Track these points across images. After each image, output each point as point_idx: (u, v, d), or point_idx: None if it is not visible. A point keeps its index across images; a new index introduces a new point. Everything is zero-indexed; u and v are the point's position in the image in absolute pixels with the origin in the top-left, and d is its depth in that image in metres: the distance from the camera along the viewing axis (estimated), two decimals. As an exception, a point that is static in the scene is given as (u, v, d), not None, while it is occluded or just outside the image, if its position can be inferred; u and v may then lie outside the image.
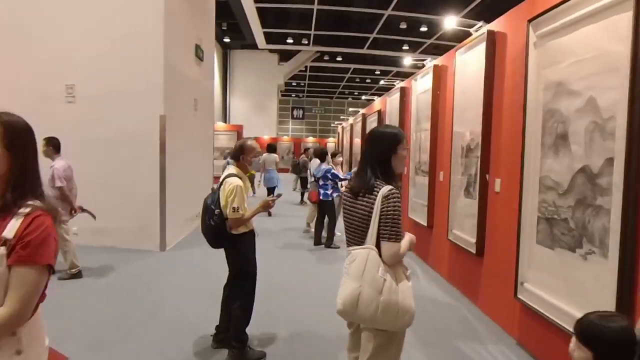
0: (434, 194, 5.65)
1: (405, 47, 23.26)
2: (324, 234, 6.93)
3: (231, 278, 3.41)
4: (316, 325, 3.87)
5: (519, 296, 3.56)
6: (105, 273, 5.27)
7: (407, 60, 8.88)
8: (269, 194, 10.61)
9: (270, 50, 26.40)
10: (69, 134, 6.45)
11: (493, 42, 4.29)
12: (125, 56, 6.21)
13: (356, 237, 2.11)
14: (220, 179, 3.20)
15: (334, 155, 7.86)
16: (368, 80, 31.18)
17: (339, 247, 6.56)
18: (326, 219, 6.86)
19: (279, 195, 3.38)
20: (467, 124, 4.71)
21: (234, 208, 3.02)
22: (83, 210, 5.23)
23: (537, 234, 3.44)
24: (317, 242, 6.79)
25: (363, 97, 32.76)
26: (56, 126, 6.46)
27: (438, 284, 5.10)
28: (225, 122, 25.20)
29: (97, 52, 6.26)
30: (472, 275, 4.56)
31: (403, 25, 19.94)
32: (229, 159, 14.35)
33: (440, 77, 5.55)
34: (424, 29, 20.24)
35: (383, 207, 1.98)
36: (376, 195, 2.01)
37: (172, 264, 5.75)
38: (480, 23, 4.57)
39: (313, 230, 7.81)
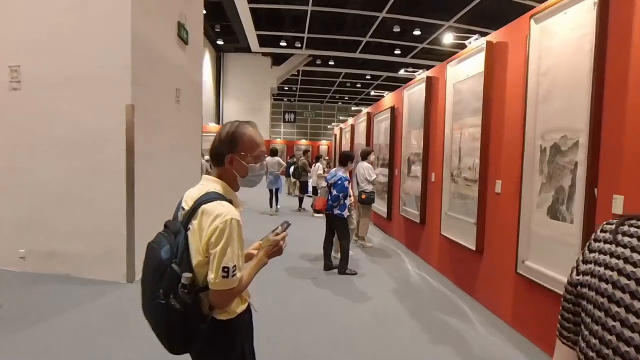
0: (485, 209, 4.02)
1: (398, 52, 21.91)
2: (333, 253, 5.28)
3: None
4: None
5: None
6: (47, 316, 3.43)
7: (448, 37, 7.04)
8: (271, 197, 9.65)
9: (263, 54, 24.74)
10: (13, 129, 4.64)
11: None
12: (83, 29, 4.42)
13: None
14: (188, 203, 1.47)
15: (367, 154, 6.12)
16: (358, 85, 29.70)
17: (355, 274, 4.85)
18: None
19: (287, 225, 1.70)
20: (554, 116, 3.09)
21: (225, 270, 1.30)
22: None
23: None
24: (328, 266, 5.02)
25: (372, 93, 31.31)
26: (-5, 120, 4.73)
27: (496, 329, 3.47)
28: (218, 123, 23.39)
29: (48, 24, 4.48)
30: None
31: (396, 29, 18.57)
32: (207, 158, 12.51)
33: (495, 56, 3.92)
34: (417, 32, 18.90)
35: None
36: None
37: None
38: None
39: (369, 244, 6.20)
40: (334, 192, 4.74)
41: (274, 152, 10.49)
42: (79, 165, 4.52)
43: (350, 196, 5.34)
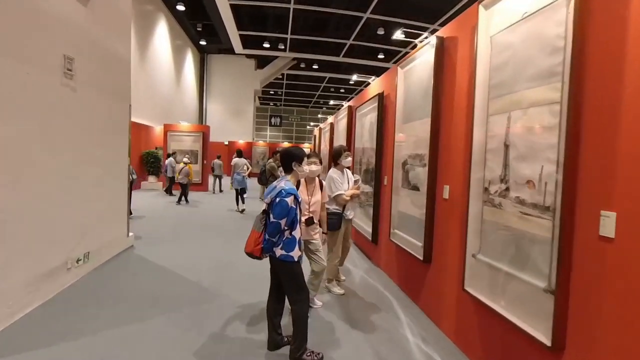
0: (571, 267, 1.85)
1: (381, 56, 19.90)
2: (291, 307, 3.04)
3: None
4: None
5: None
6: None
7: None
8: (237, 195, 8.97)
9: (248, 56, 22.39)
10: None
11: None
12: None
13: None
14: None
15: (336, 156, 3.80)
16: (342, 90, 27.60)
17: (320, 358, 2.58)
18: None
19: None
20: None
21: None
22: None
23: None
24: (274, 343, 2.61)
25: (355, 78, 29.09)
26: None
27: None
28: (201, 124, 20.94)
29: None
30: None
31: (380, 31, 16.53)
32: (185, 157, 10.52)
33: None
34: (401, 36, 16.88)
35: None
36: None
37: None
38: None
39: (338, 291, 3.81)
40: (272, 218, 2.40)
41: (240, 154, 9.39)
42: None
43: (314, 223, 3.08)
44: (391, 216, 4.06)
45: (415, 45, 5.16)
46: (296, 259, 2.46)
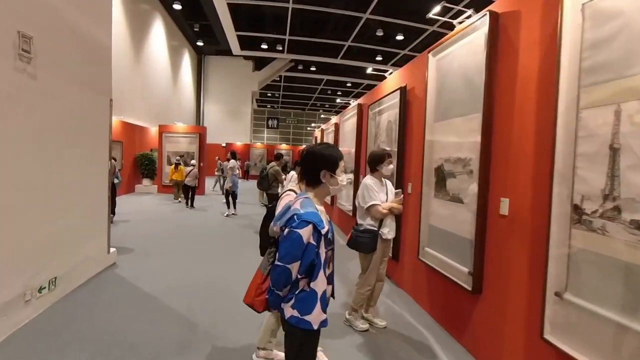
0: None
1: (379, 58, 19.32)
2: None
3: None
4: None
5: None
6: None
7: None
8: (234, 198, 8.58)
9: (245, 57, 21.69)
10: None
11: None
12: None
13: None
14: None
15: (379, 160, 2.94)
16: (339, 93, 26.99)
17: None
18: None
19: None
20: None
21: None
22: None
23: None
24: None
25: (368, 70, 28.58)
26: None
27: None
28: (199, 124, 20.17)
29: None
30: None
31: (379, 33, 15.94)
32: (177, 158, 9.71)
33: None
34: (400, 37, 16.36)
35: None
36: None
37: None
38: None
39: (361, 326, 2.99)
40: (276, 259, 1.43)
41: (234, 155, 9.01)
42: None
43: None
44: (420, 231, 3.38)
45: (434, 37, 4.50)
46: (315, 327, 1.46)
